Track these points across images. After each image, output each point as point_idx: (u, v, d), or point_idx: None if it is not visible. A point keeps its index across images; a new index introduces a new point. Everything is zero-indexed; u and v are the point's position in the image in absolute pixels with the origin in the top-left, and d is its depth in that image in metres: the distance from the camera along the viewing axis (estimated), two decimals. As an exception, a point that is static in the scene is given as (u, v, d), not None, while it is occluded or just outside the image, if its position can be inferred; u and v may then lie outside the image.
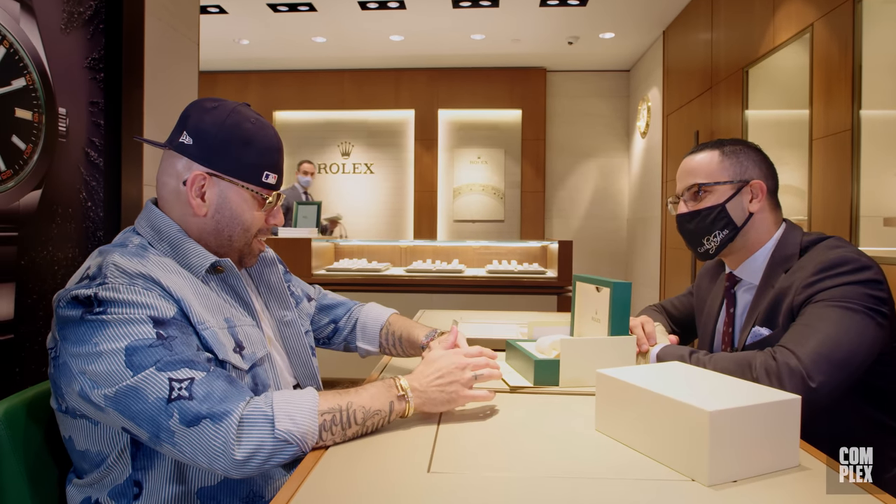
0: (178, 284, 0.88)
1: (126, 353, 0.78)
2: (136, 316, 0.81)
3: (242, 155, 0.95)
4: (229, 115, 0.96)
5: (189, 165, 0.95)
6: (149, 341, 0.80)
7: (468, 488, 0.67)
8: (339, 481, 0.69)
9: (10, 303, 1.46)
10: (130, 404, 0.77)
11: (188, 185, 0.94)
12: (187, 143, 0.95)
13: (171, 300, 0.85)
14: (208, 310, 0.91)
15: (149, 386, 0.77)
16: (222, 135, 0.94)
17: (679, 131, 4.75)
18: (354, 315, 1.30)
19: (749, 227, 1.20)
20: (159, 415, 0.77)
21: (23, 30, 1.49)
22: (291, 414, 0.80)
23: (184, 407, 0.77)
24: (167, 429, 0.77)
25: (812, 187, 2.79)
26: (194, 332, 0.86)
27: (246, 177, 0.96)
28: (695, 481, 0.70)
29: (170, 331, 0.82)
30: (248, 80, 6.48)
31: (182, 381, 0.78)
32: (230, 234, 0.98)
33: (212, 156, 0.94)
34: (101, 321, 0.80)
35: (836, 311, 1.00)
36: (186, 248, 0.94)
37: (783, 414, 0.74)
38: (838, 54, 2.53)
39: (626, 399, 0.81)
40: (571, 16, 4.77)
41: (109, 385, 0.78)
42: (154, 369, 0.78)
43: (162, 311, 0.83)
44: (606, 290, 1.15)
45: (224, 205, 0.96)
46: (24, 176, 1.49)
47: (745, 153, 1.22)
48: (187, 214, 0.96)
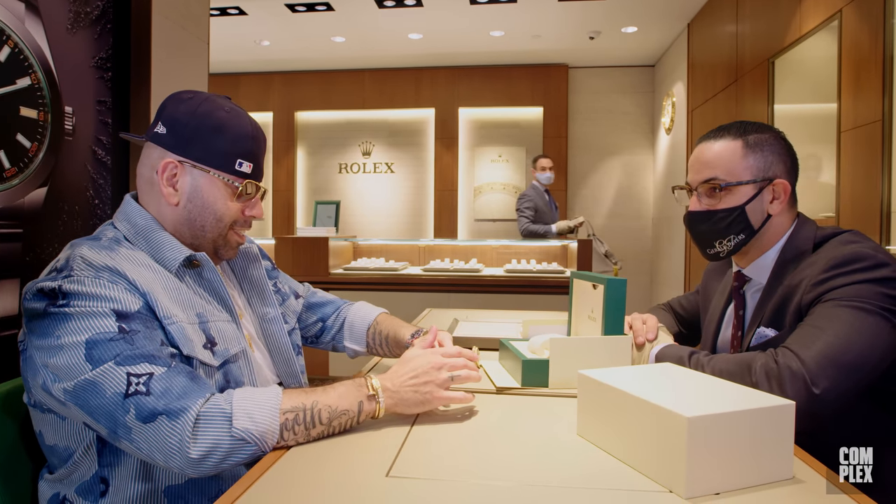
0: (146, 278, 0.86)
1: (86, 347, 0.77)
2: (98, 309, 0.79)
3: (214, 142, 0.94)
4: (202, 103, 0.95)
5: (162, 154, 0.94)
6: (110, 335, 0.78)
7: (427, 494, 0.63)
8: (293, 482, 0.66)
9: (14, 299, 1.48)
10: (89, 399, 0.76)
11: (159, 174, 0.94)
12: (161, 132, 0.94)
13: (137, 294, 0.84)
14: (178, 304, 0.89)
15: (107, 380, 0.76)
16: (194, 122, 0.93)
17: (704, 127, 4.61)
18: (343, 314, 1.28)
19: (765, 229, 1.10)
20: (116, 410, 0.75)
21: (28, 29, 1.51)
22: (250, 412, 0.78)
23: (140, 402, 0.75)
24: (124, 424, 0.75)
25: (840, 182, 2.66)
26: (160, 327, 0.85)
27: (218, 164, 0.95)
28: (672, 493, 0.65)
29: (133, 325, 0.80)
30: (270, 81, 6.55)
31: (140, 377, 0.76)
32: (202, 224, 0.96)
33: (183, 143, 0.93)
34: (64, 314, 0.79)
35: (848, 311, 0.92)
36: (160, 241, 0.93)
37: (774, 421, 0.67)
38: (868, 42, 2.41)
39: (606, 402, 0.76)
40: (592, 10, 4.67)
41: (69, 379, 0.77)
42: (113, 363, 0.77)
43: (126, 305, 0.81)
44: (602, 287, 1.10)
45: (196, 193, 0.95)
46: (29, 174, 1.51)
47: (769, 145, 1.09)
48: (162, 205, 0.96)
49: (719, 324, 1.21)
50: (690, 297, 1.43)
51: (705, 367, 0.97)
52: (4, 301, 1.45)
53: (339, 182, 6.59)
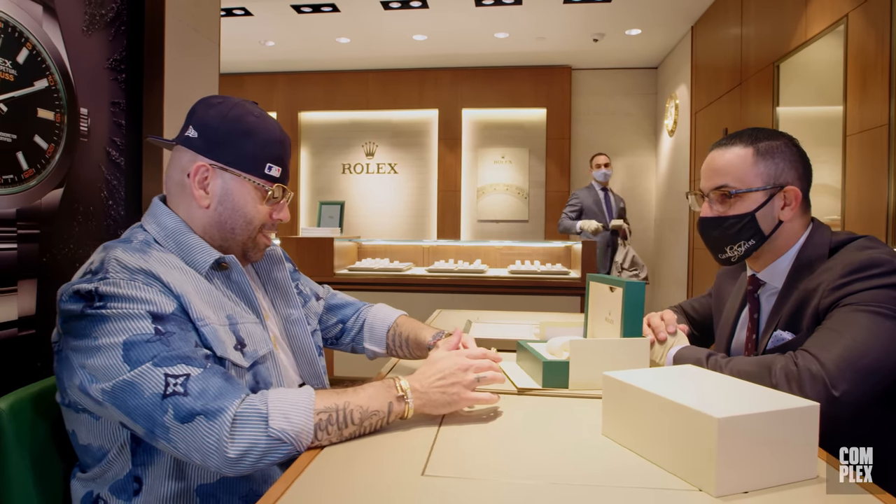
0: (178, 280, 0.88)
1: (124, 348, 0.78)
2: (135, 311, 0.81)
3: (244, 146, 0.96)
4: (232, 108, 0.97)
5: (193, 158, 0.96)
6: (146, 336, 0.79)
7: (462, 493, 0.65)
8: (330, 481, 0.67)
9: (32, 299, 1.49)
10: (127, 399, 0.77)
11: (192, 177, 0.96)
12: (192, 136, 0.96)
13: (171, 296, 0.85)
14: (210, 306, 0.90)
15: (145, 381, 0.77)
16: (225, 127, 0.95)
17: (708, 129, 4.63)
18: (363, 315, 1.29)
19: (777, 235, 1.11)
20: (154, 410, 0.77)
21: (45, 32, 1.52)
22: (286, 412, 0.79)
23: (178, 403, 0.76)
24: (162, 424, 0.76)
25: (846, 185, 2.67)
26: (194, 329, 0.86)
27: (248, 168, 0.97)
28: (702, 491, 0.66)
29: (168, 326, 0.82)
30: (274, 81, 6.56)
31: (178, 377, 0.78)
32: (233, 227, 0.98)
33: (215, 147, 0.95)
34: (101, 315, 0.80)
35: (866, 316, 0.94)
36: (190, 243, 0.95)
37: (800, 422, 0.69)
38: (874, 46, 2.42)
39: (632, 403, 0.78)
40: (596, 12, 4.69)
41: (107, 379, 0.78)
42: (150, 364, 0.78)
43: (161, 307, 0.83)
44: (620, 290, 1.12)
45: (227, 196, 0.97)
46: (46, 175, 1.52)
47: (781, 152, 1.10)
48: (192, 208, 0.97)
49: (734, 326, 1.23)
50: (702, 300, 1.44)
51: (724, 369, 0.99)
52: (23, 301, 1.47)
53: (343, 182, 6.61)
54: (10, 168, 1.41)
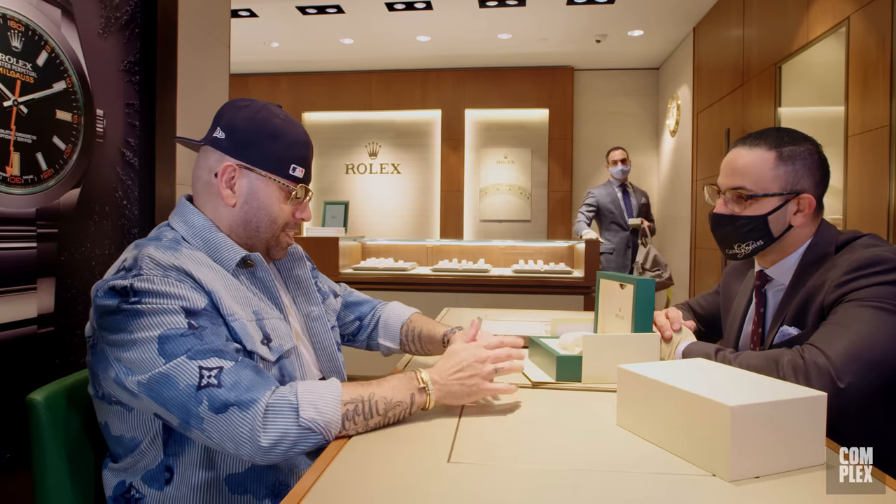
0: (209, 277, 0.91)
1: (159, 342, 0.81)
2: (169, 306, 0.84)
3: (270, 147, 0.99)
4: (259, 111, 1.00)
5: (221, 158, 0.99)
6: (180, 331, 0.82)
7: (487, 479, 0.68)
8: (359, 470, 0.70)
9: (50, 296, 1.52)
10: (162, 391, 0.80)
11: (219, 176, 0.98)
12: (220, 137, 0.99)
13: (203, 292, 0.88)
14: (238, 302, 0.93)
15: (180, 373, 0.80)
16: (252, 128, 0.98)
17: (709, 129, 4.66)
18: (378, 313, 1.32)
19: (785, 237, 1.14)
20: (189, 401, 0.79)
21: (63, 35, 1.56)
22: (315, 403, 0.82)
23: (213, 394, 0.79)
24: (196, 415, 0.79)
25: (847, 185, 2.70)
26: (224, 324, 0.89)
27: (273, 168, 1.00)
28: (716, 476, 0.70)
29: (200, 321, 0.85)
30: (278, 81, 6.59)
31: (211, 370, 0.81)
32: (258, 225, 1.01)
33: (242, 148, 0.98)
34: (137, 310, 0.83)
35: (870, 311, 0.97)
36: (218, 241, 0.97)
37: (808, 411, 0.72)
38: (876, 48, 2.46)
39: (647, 394, 0.81)
40: (599, 14, 4.72)
41: (143, 372, 0.81)
42: (185, 357, 0.81)
43: (193, 303, 0.86)
44: (630, 286, 1.15)
45: (252, 195, 1.00)
46: (64, 175, 1.56)
47: (802, 159, 1.12)
48: (219, 207, 1.00)
49: (742, 321, 1.26)
50: (709, 297, 1.47)
51: (732, 363, 1.02)
52: (42, 299, 1.50)
53: (346, 182, 6.64)
54: (31, 168, 1.44)
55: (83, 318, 1.62)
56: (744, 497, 0.65)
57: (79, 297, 1.61)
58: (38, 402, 0.84)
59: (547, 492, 0.65)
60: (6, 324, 1.38)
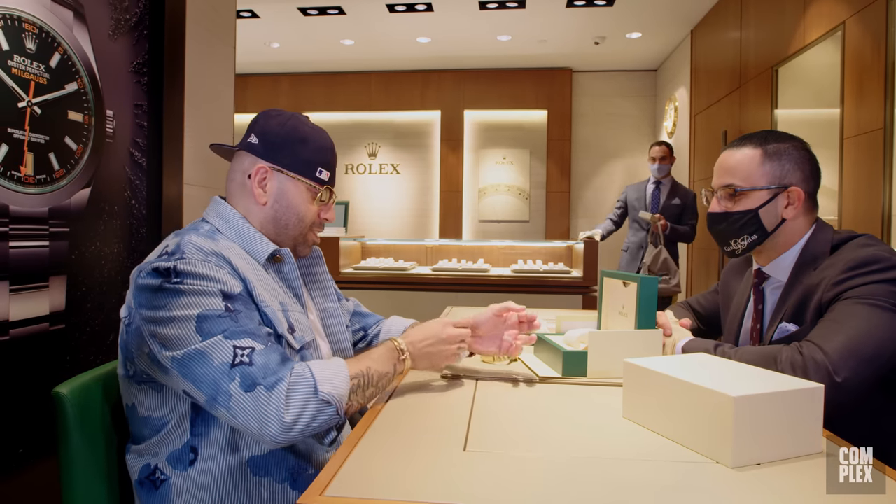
0: (243, 266, 0.97)
1: (197, 321, 0.86)
2: (209, 288, 0.89)
3: (299, 152, 1.07)
4: (290, 119, 1.09)
5: (254, 161, 1.07)
6: (218, 312, 0.88)
7: (502, 466, 0.71)
8: (381, 458, 0.73)
9: (62, 294, 1.55)
10: (195, 367, 0.85)
11: (252, 177, 1.06)
12: (254, 142, 1.07)
13: (238, 278, 0.94)
14: (267, 292, 0.99)
15: (215, 351, 0.85)
16: (284, 134, 1.07)
17: (707, 131, 4.70)
18: (381, 325, 1.39)
19: (779, 232, 1.18)
20: (222, 378, 0.84)
21: (75, 37, 1.58)
22: (330, 378, 0.89)
23: (245, 372, 0.85)
24: (226, 392, 0.84)
25: (843, 187, 2.75)
26: (257, 310, 0.95)
27: (302, 171, 1.08)
28: (719, 463, 0.73)
29: (236, 305, 0.90)
30: (278, 82, 6.62)
31: (245, 350, 0.86)
32: (286, 223, 1.09)
33: (274, 152, 1.06)
34: (178, 290, 0.88)
35: (865, 309, 1.00)
36: (251, 234, 1.05)
37: (806, 401, 0.76)
38: (871, 52, 2.50)
39: (652, 387, 0.84)
40: (598, 16, 4.76)
41: (178, 348, 0.86)
42: (221, 337, 0.86)
43: (230, 287, 0.91)
44: (633, 285, 1.18)
45: (282, 195, 1.07)
46: (75, 175, 1.58)
47: (788, 154, 1.17)
48: (251, 205, 1.08)
49: (742, 318, 1.30)
50: (708, 296, 1.51)
51: (731, 358, 1.05)
52: (54, 297, 1.52)
53: (346, 182, 6.66)
54: (44, 168, 1.47)
55: (93, 315, 1.64)
56: (746, 483, 0.68)
57: (88, 294, 1.64)
58: (64, 395, 0.87)
59: (560, 479, 0.68)
60: (21, 321, 1.41)
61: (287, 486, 0.94)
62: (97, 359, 1.66)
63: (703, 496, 0.65)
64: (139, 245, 1.86)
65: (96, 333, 1.66)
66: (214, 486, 0.90)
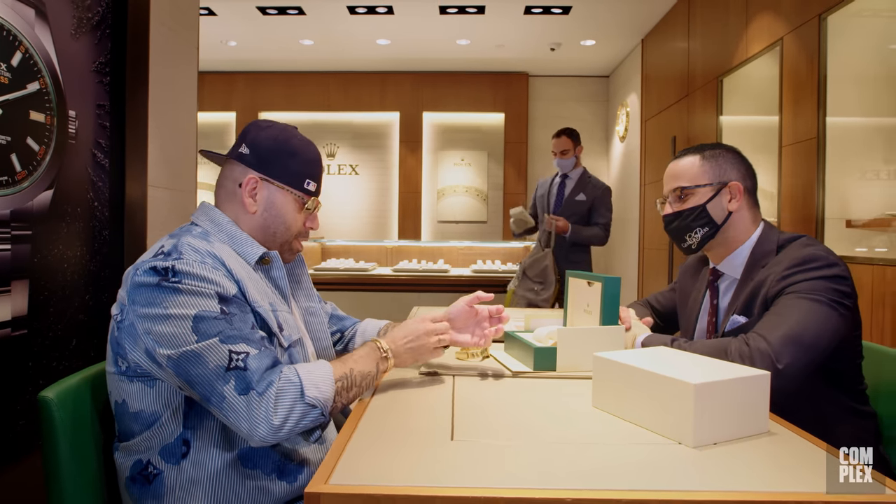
0: (236, 268, 0.99)
1: (194, 321, 0.89)
2: (205, 290, 0.92)
3: (289, 164, 1.11)
4: (281, 132, 1.12)
5: (245, 171, 1.10)
6: (213, 314, 0.91)
7: (490, 452, 0.78)
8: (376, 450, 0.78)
9: (24, 299, 1.51)
10: (190, 367, 0.88)
11: (243, 187, 1.09)
12: (245, 153, 1.10)
13: (233, 280, 0.97)
14: (258, 293, 1.02)
15: (211, 354, 0.88)
16: (275, 146, 1.10)
17: (657, 136, 4.92)
18: (356, 327, 1.44)
19: (728, 226, 1.31)
20: (217, 380, 0.87)
21: (37, 35, 1.55)
22: (316, 382, 0.93)
23: (239, 375, 0.88)
24: (220, 393, 0.87)
25: (781, 191, 2.95)
26: (251, 311, 0.98)
27: (291, 182, 1.11)
28: (681, 444, 0.82)
29: (231, 308, 0.93)
30: (234, 80, 6.49)
31: (239, 354, 0.89)
32: (274, 231, 1.12)
33: (264, 163, 1.10)
34: (175, 288, 0.90)
35: (805, 302, 1.12)
36: (241, 238, 1.08)
37: (755, 387, 0.85)
38: (806, 67, 2.70)
39: (620, 377, 0.92)
40: (554, 23, 4.91)
41: (173, 347, 0.88)
42: (217, 340, 0.89)
43: (226, 289, 0.94)
44: (598, 284, 1.27)
45: (272, 205, 1.11)
46: (38, 177, 1.55)
47: (723, 157, 1.33)
48: (240, 213, 1.10)
49: (698, 313, 1.41)
50: (666, 294, 1.63)
51: (686, 350, 1.15)
52: (16, 302, 1.49)
53: (303, 183, 6.59)
54: (5, 170, 1.44)
55: (55, 320, 1.61)
56: (706, 459, 0.77)
57: (51, 299, 1.60)
58: (50, 399, 0.88)
59: (540, 463, 0.74)
60: (-17, 327, 1.37)
61: (274, 477, 0.98)
62: (60, 364, 1.63)
63: (669, 472, 0.73)
64: (102, 248, 1.83)
65: (59, 338, 1.63)
66: (206, 478, 0.93)
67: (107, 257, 1.84)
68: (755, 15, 3.20)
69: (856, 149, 2.55)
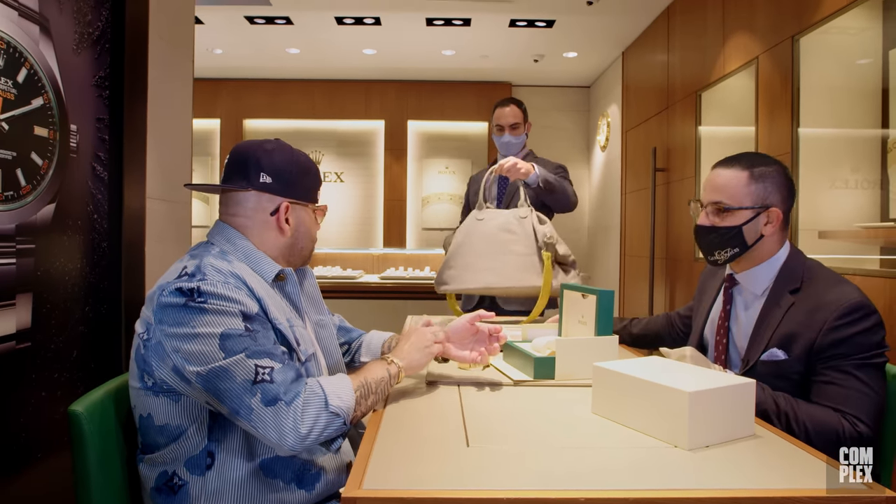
0: (256, 286, 1.04)
1: (220, 338, 0.93)
2: (230, 309, 0.96)
3: (305, 181, 1.17)
4: (291, 152, 1.17)
5: (272, 199, 1.13)
6: (239, 331, 0.95)
7: (504, 458, 0.84)
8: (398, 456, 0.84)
9: (28, 312, 1.53)
10: (218, 383, 0.92)
11: (279, 214, 1.13)
12: (268, 181, 1.12)
13: (254, 299, 1.02)
14: (277, 310, 1.07)
15: (237, 368, 0.93)
16: (293, 169, 1.15)
17: (637, 146, 5.05)
18: (362, 339, 1.48)
19: (757, 247, 1.32)
20: (245, 394, 0.92)
21: (41, 51, 1.58)
22: (338, 393, 0.99)
23: (266, 389, 0.93)
24: (248, 406, 0.92)
25: (758, 202, 3.07)
26: (272, 328, 1.03)
27: (309, 198, 1.18)
28: (677, 447, 0.89)
29: (254, 325, 0.98)
30: (218, 88, 6.47)
31: (265, 368, 0.94)
32: (302, 247, 1.19)
33: (290, 188, 1.14)
34: (202, 308, 0.95)
35: (870, 369, 1.16)
36: (257, 256, 1.12)
37: (743, 395, 0.93)
38: (780, 83, 2.83)
39: (619, 385, 0.99)
40: (538, 36, 5.02)
41: (201, 364, 0.93)
42: (243, 356, 0.94)
43: (249, 308, 0.99)
44: (592, 297, 1.34)
45: (301, 224, 1.17)
46: (41, 191, 1.57)
47: (771, 178, 1.30)
48: (271, 238, 1.14)
49: (709, 311, 1.47)
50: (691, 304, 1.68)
51: (796, 413, 1.16)
52: (20, 315, 1.51)
53: (288, 191, 6.59)
54: (11, 185, 1.46)
55: (57, 332, 1.63)
56: (699, 461, 0.84)
57: (53, 311, 1.62)
58: (80, 412, 0.91)
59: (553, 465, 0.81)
60: (-11, 340, 1.39)
61: (294, 486, 1.02)
62: (61, 376, 1.65)
63: (665, 473, 0.80)
64: (101, 259, 1.85)
65: (60, 350, 1.65)
66: (230, 488, 0.97)
67: (106, 269, 1.86)
68: (731, 34, 3.33)
69: (826, 159, 2.67)
